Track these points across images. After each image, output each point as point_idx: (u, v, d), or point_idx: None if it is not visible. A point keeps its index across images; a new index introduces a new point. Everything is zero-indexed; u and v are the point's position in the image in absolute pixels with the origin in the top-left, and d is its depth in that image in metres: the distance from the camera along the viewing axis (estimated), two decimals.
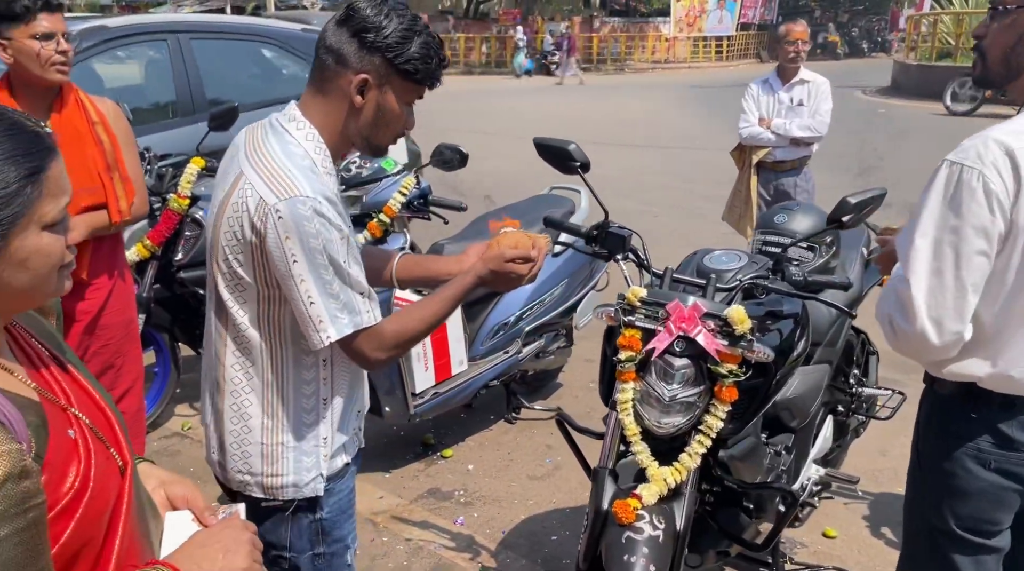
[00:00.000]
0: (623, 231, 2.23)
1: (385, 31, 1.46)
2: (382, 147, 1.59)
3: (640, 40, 33.02)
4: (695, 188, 8.41)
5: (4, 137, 0.91)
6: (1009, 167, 1.51)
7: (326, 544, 1.64)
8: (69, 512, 0.93)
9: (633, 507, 1.97)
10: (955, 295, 1.56)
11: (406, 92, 1.52)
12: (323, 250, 1.42)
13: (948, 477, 1.71)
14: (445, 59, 1.54)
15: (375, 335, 1.52)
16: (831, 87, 4.65)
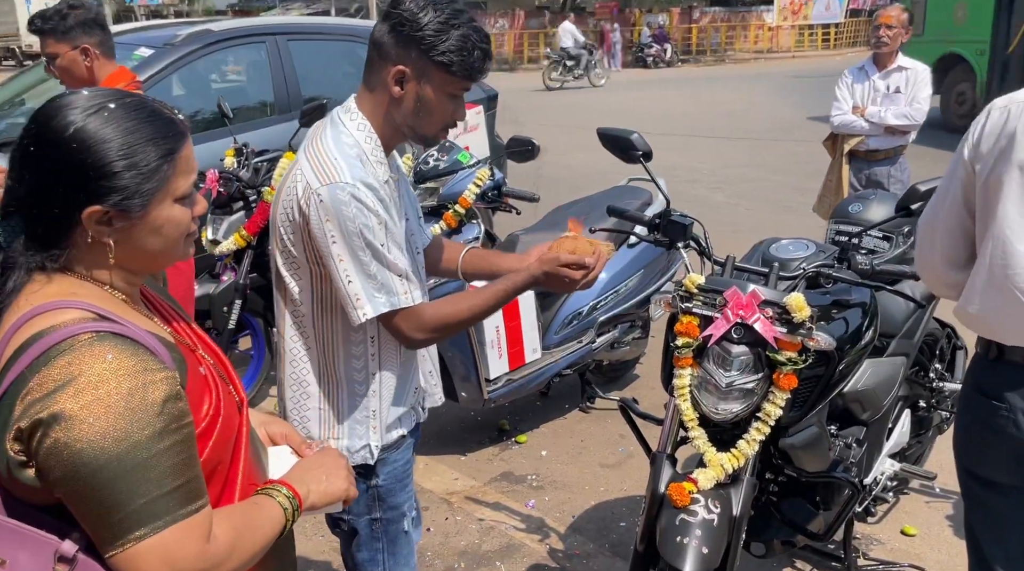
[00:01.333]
0: (684, 219, 2.25)
1: (420, 23, 1.52)
2: (429, 137, 1.65)
3: (742, 30, 32.14)
4: (787, 180, 8.18)
5: (146, 122, 1.05)
6: None
7: (382, 510, 1.74)
8: (206, 435, 1.10)
9: (688, 490, 1.99)
10: None
11: (445, 84, 1.56)
12: (359, 233, 1.52)
13: (963, 416, 1.84)
14: (487, 53, 1.57)
15: (413, 315, 1.60)
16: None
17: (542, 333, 3.56)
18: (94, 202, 1.02)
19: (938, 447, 3.21)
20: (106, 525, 0.97)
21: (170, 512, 0.99)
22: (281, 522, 1.15)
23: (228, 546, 1.05)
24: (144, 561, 0.98)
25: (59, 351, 0.97)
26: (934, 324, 2.92)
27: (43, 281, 1.05)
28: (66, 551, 0.99)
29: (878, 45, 4.41)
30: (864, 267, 2.09)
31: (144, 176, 1.04)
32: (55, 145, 1.01)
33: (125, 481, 0.96)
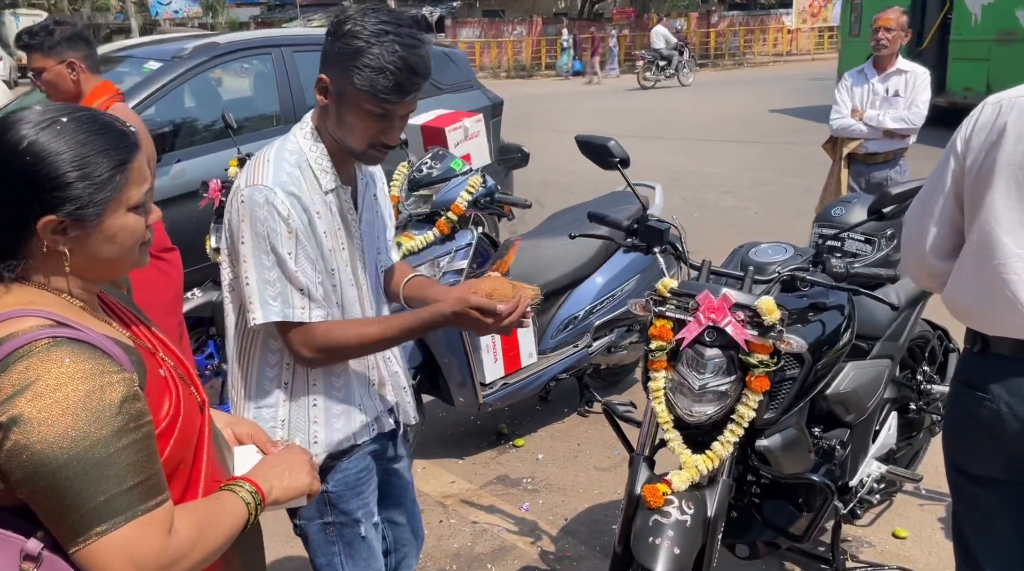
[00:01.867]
0: (661, 225, 2.28)
1: (341, 35, 1.51)
2: (357, 152, 1.60)
3: (760, 33, 31.99)
4: (800, 182, 8.15)
5: (98, 135, 1.10)
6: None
7: (334, 515, 1.77)
8: (166, 435, 1.14)
9: (662, 492, 2.02)
10: None
11: (361, 101, 1.52)
12: (266, 237, 1.54)
13: (951, 412, 1.87)
14: (400, 80, 1.49)
15: (305, 332, 1.60)
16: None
17: (538, 337, 3.60)
18: (49, 212, 1.06)
19: (932, 450, 3.21)
20: (68, 523, 1.01)
21: (130, 508, 1.03)
22: (244, 516, 1.18)
23: (190, 540, 1.09)
24: (105, 556, 1.01)
25: (16, 357, 1.01)
26: (924, 326, 2.93)
27: (1, 292, 1.10)
28: (31, 549, 1.02)
29: (877, 48, 4.41)
30: (839, 270, 2.11)
31: (97, 186, 1.08)
32: (9, 159, 1.06)
33: (84, 479, 1.00)
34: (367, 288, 1.78)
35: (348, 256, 1.71)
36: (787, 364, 2.08)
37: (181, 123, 4.62)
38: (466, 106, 5.26)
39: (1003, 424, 1.69)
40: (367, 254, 1.78)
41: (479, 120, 4.29)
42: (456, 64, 5.81)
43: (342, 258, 1.69)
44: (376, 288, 1.82)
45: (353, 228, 1.72)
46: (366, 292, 1.78)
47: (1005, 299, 1.64)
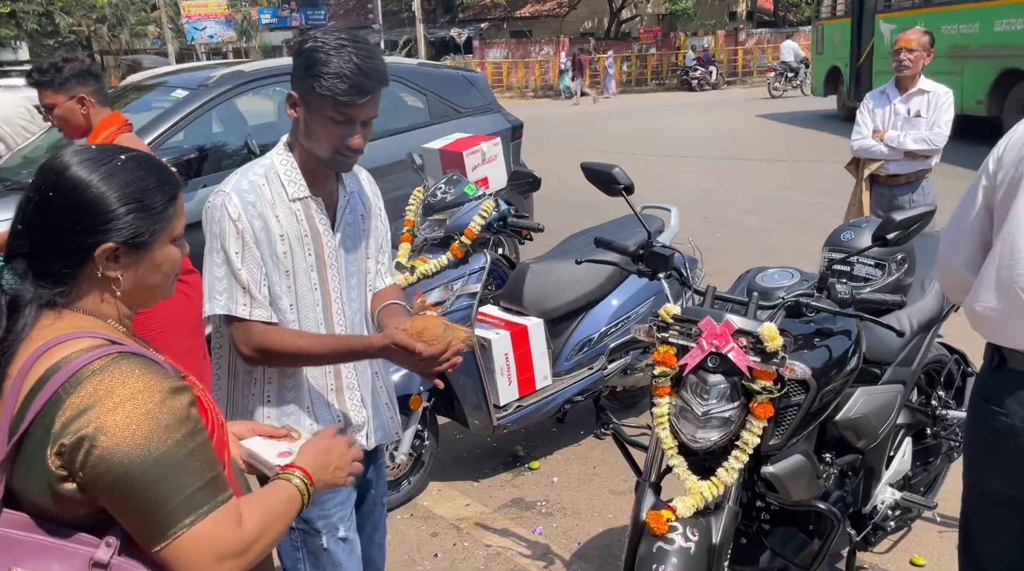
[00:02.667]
0: (665, 251, 2.30)
1: (303, 48, 1.67)
2: (325, 159, 1.74)
3: None
4: (826, 202, 8.07)
5: (152, 172, 1.21)
6: None
7: (296, 521, 1.81)
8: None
9: (666, 518, 2.02)
10: None
11: (322, 107, 1.67)
12: (218, 236, 1.70)
13: (970, 427, 1.91)
14: (355, 83, 1.63)
15: (246, 329, 1.73)
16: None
17: (553, 360, 3.61)
18: (107, 240, 1.15)
19: (950, 476, 3.15)
20: (153, 522, 1.08)
21: (207, 502, 1.11)
22: (298, 502, 1.29)
23: (258, 529, 1.18)
24: (192, 548, 1.09)
25: (89, 372, 1.08)
26: (940, 350, 2.89)
27: (53, 317, 1.16)
28: (100, 557, 1.09)
29: (900, 69, 4.36)
30: (844, 296, 2.11)
31: (153, 218, 1.19)
32: (73, 191, 1.14)
33: (167, 479, 1.08)
34: (341, 300, 1.87)
35: (314, 262, 1.80)
36: (792, 390, 2.07)
37: (207, 149, 4.74)
38: (485, 129, 5.32)
39: (1018, 438, 1.71)
40: (345, 267, 1.87)
41: (496, 143, 4.34)
42: (476, 87, 5.89)
43: (305, 263, 1.80)
44: (353, 302, 1.90)
45: (326, 239, 1.82)
46: (336, 302, 1.86)
47: (1021, 309, 1.67)
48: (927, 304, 2.61)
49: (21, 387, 1.09)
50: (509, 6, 32.08)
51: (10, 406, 1.10)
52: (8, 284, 1.15)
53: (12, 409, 1.09)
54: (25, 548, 1.08)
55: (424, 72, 5.73)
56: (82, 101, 2.85)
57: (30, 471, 1.08)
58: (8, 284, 1.15)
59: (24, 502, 1.11)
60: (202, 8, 32.31)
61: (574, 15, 33.62)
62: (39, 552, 1.08)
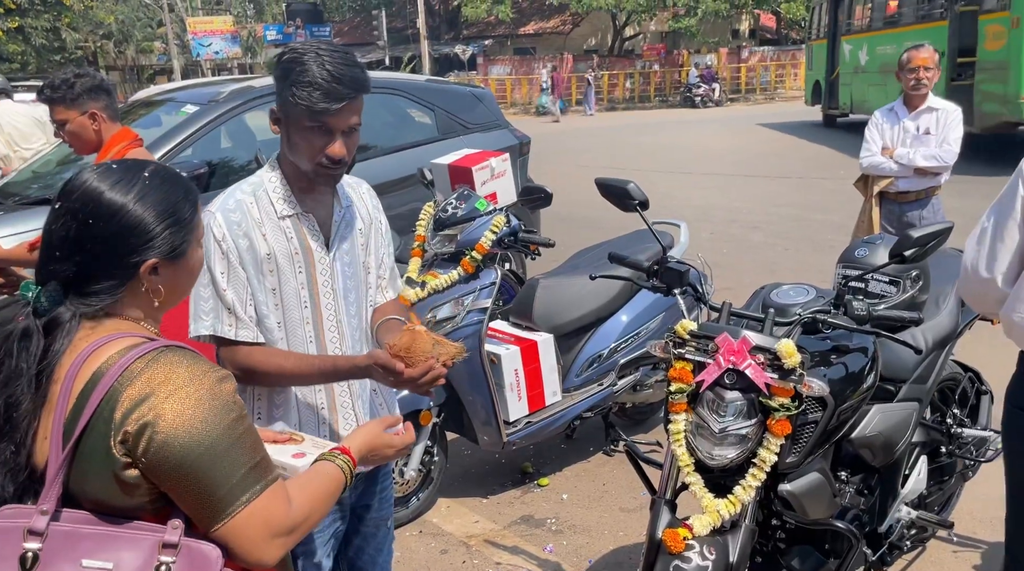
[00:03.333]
0: (681, 266, 2.29)
1: (282, 64, 1.66)
2: (309, 171, 1.71)
3: (792, 68, 32.01)
4: (830, 219, 8.08)
5: (176, 184, 1.27)
6: None
7: None
8: None
9: (683, 536, 2.00)
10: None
11: (300, 118, 1.65)
12: (207, 255, 1.69)
13: (1009, 438, 1.96)
14: (328, 90, 1.61)
15: (232, 350, 1.74)
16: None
17: (562, 376, 3.60)
18: (150, 256, 1.21)
19: (965, 495, 3.13)
20: (212, 501, 1.14)
21: (260, 481, 1.18)
22: (342, 482, 1.36)
23: (307, 507, 1.25)
24: (248, 526, 1.16)
25: (142, 365, 1.14)
26: (954, 368, 2.88)
27: (91, 326, 1.21)
28: (170, 539, 1.14)
29: (917, 87, 4.31)
30: (861, 313, 2.10)
31: (186, 228, 1.25)
32: (115, 216, 1.19)
33: (224, 460, 1.14)
34: (336, 317, 1.84)
35: (305, 281, 1.78)
36: (809, 407, 2.06)
37: (217, 164, 4.75)
38: (493, 145, 5.33)
39: None
40: (342, 284, 1.84)
41: (505, 159, 4.34)
42: (484, 103, 5.91)
43: (295, 281, 1.78)
44: (352, 319, 1.88)
45: (318, 256, 1.80)
46: (330, 320, 1.83)
47: None
48: (942, 321, 2.60)
49: (72, 387, 1.14)
50: (513, 23, 32.29)
51: (62, 407, 1.14)
52: (43, 307, 1.19)
53: (64, 409, 1.13)
54: (92, 540, 1.13)
55: (432, 88, 5.75)
56: (94, 116, 2.85)
57: (91, 464, 1.13)
58: (43, 307, 1.19)
59: (82, 500, 1.15)
60: (208, 24, 32.60)
61: (578, 32, 33.83)
62: (106, 542, 1.13)
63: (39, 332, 1.17)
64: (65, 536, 1.13)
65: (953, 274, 2.77)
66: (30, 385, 1.15)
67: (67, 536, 1.13)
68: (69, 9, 29.08)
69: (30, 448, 1.15)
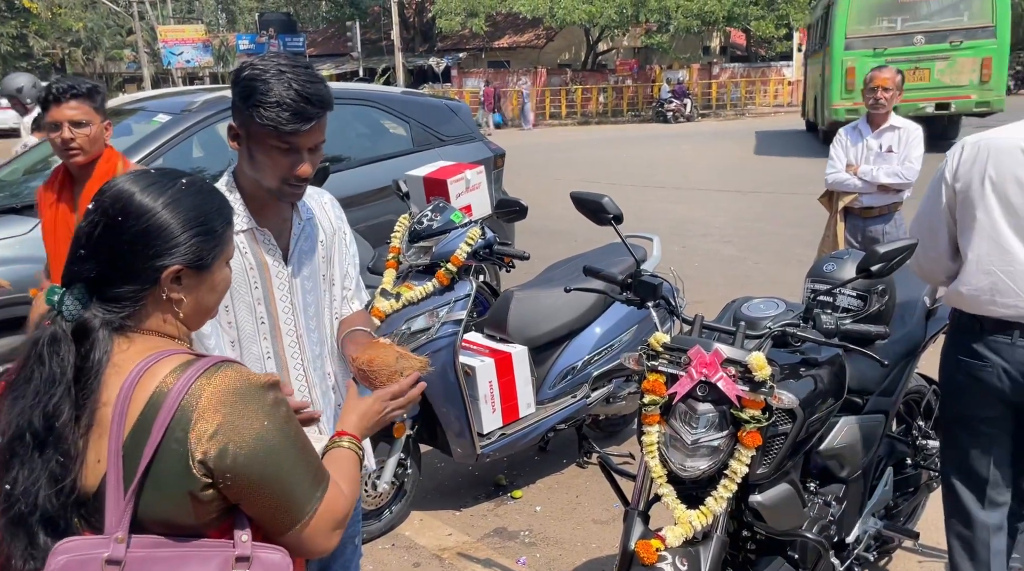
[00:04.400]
0: (654, 280, 2.33)
1: (242, 81, 1.60)
2: (273, 190, 1.68)
3: (762, 84, 32.55)
4: (800, 234, 8.21)
5: (210, 196, 1.26)
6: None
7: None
8: None
9: (655, 547, 2.02)
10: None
11: (265, 137, 1.61)
12: None
13: (945, 379, 2.44)
14: (295, 109, 1.57)
15: None
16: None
17: (536, 388, 3.61)
18: (173, 262, 1.19)
19: (929, 506, 3.19)
20: (292, 507, 1.19)
21: (324, 479, 1.25)
22: (357, 462, 1.42)
23: (352, 494, 1.32)
24: (321, 523, 1.22)
25: (204, 383, 1.13)
26: (919, 381, 2.94)
27: (126, 343, 1.19)
28: (243, 552, 1.16)
29: (876, 106, 4.46)
30: (829, 327, 2.14)
31: (214, 240, 1.24)
32: (144, 216, 1.18)
33: (298, 466, 1.19)
34: (295, 332, 1.82)
35: (261, 296, 1.76)
36: (779, 419, 2.09)
37: (189, 174, 4.71)
38: (468, 157, 5.36)
39: (1001, 384, 2.26)
40: (302, 298, 1.82)
41: (480, 172, 4.36)
42: (459, 116, 5.94)
43: (250, 297, 1.75)
44: (312, 333, 1.86)
45: (275, 270, 1.77)
46: (289, 336, 1.81)
47: (1005, 285, 2.20)
48: (907, 335, 2.66)
49: (127, 410, 1.12)
50: (487, 37, 32.45)
51: (118, 430, 1.12)
52: (69, 311, 1.16)
53: (122, 432, 1.12)
54: (166, 563, 1.13)
55: (407, 100, 5.77)
56: (108, 127, 2.81)
57: (164, 487, 1.12)
58: (69, 311, 1.16)
59: (148, 523, 1.14)
60: (179, 33, 32.33)
61: (551, 47, 34.08)
62: (179, 563, 1.14)
63: (68, 338, 1.15)
64: (141, 562, 1.12)
65: (918, 288, 2.85)
66: (68, 392, 1.13)
67: (143, 562, 1.12)
68: (36, 16, 28.68)
69: (79, 467, 1.13)
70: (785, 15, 28.35)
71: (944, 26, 13.37)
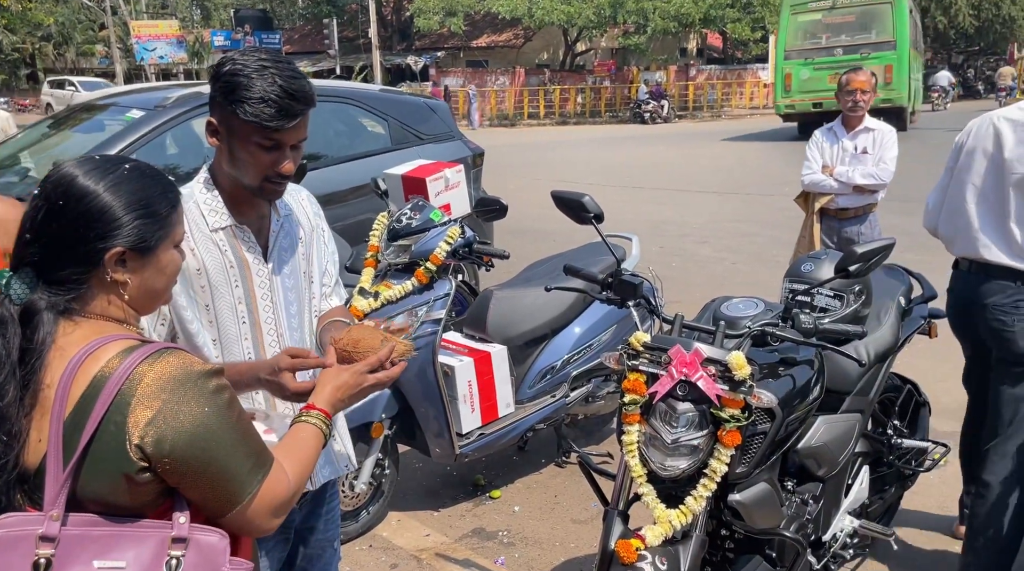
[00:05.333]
0: (635, 279, 2.32)
1: (223, 76, 1.57)
2: (254, 188, 1.65)
3: (737, 87, 32.80)
4: (776, 235, 8.28)
5: (155, 180, 1.27)
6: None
7: None
8: None
9: (635, 547, 2.02)
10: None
11: (248, 133, 1.58)
12: None
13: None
14: (281, 105, 1.55)
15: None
16: (897, 135, 4.59)
17: (515, 387, 3.60)
18: (115, 244, 1.20)
19: (904, 504, 3.23)
20: (230, 491, 1.20)
21: (266, 464, 1.25)
22: (321, 438, 1.41)
23: (299, 478, 1.32)
24: (259, 507, 1.24)
25: (145, 368, 1.15)
26: (894, 381, 2.97)
27: (71, 327, 1.20)
28: (180, 534, 1.18)
29: (853, 109, 4.50)
30: (808, 326, 2.15)
31: (158, 223, 1.25)
32: (84, 199, 1.19)
33: (237, 451, 1.20)
34: (276, 331, 1.79)
35: (242, 295, 1.73)
36: (758, 418, 2.10)
37: (163, 170, 4.64)
38: (447, 156, 5.34)
39: (962, 308, 2.74)
40: (283, 296, 1.79)
41: (459, 170, 4.35)
42: (438, 115, 5.91)
43: (231, 296, 1.72)
44: (294, 332, 1.83)
45: (255, 268, 1.74)
46: (270, 334, 1.78)
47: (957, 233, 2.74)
48: (883, 335, 2.69)
49: (69, 392, 1.14)
50: (465, 36, 32.40)
51: (59, 411, 1.14)
52: (16, 293, 1.19)
53: (62, 413, 1.14)
54: (102, 541, 1.15)
55: (386, 98, 5.73)
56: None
57: (100, 468, 1.14)
58: (16, 293, 1.19)
59: (86, 502, 1.16)
60: (153, 28, 31.94)
61: (530, 46, 34.11)
62: (115, 542, 1.16)
63: (14, 320, 1.17)
64: (76, 540, 1.14)
65: (894, 289, 2.88)
66: (13, 373, 1.15)
67: (78, 539, 1.14)
68: (6, 10, 28.17)
69: (21, 446, 1.15)
70: (761, 18, 28.62)
71: (858, 41, 17.38)
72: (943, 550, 3.11)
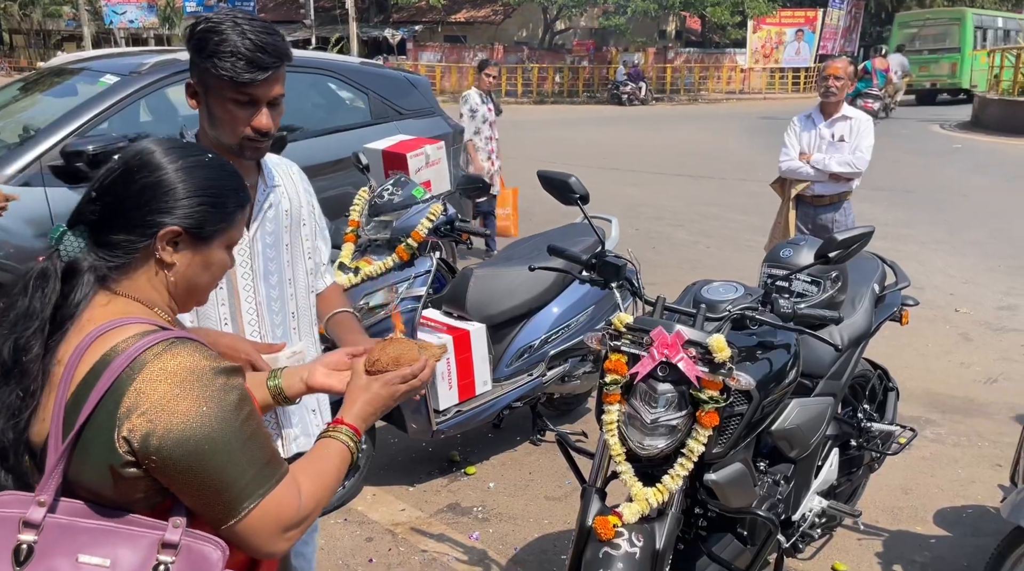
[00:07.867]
0: (618, 261, 2.34)
1: (197, 35, 1.61)
2: (233, 147, 1.66)
3: (715, 71, 32.86)
4: (750, 220, 8.36)
5: (231, 177, 1.26)
6: None
7: None
8: None
9: (613, 524, 2.06)
10: None
11: (221, 89, 1.60)
12: None
13: None
14: (251, 58, 1.57)
15: None
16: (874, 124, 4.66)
17: (493, 365, 3.62)
18: (173, 222, 1.18)
19: (870, 485, 3.31)
20: (225, 499, 1.11)
21: (272, 477, 1.15)
22: (348, 457, 1.31)
23: (314, 496, 1.22)
24: (260, 522, 1.13)
25: (150, 356, 1.09)
26: (865, 366, 3.04)
27: (104, 301, 1.17)
28: (170, 538, 1.10)
29: (827, 95, 4.58)
30: (786, 311, 2.19)
31: (221, 214, 1.23)
32: (156, 171, 1.18)
33: (239, 457, 1.11)
34: (254, 299, 1.79)
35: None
36: (736, 400, 2.14)
37: (136, 139, 4.55)
38: (428, 132, 5.30)
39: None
40: (263, 266, 1.79)
41: (440, 147, 4.33)
42: (418, 90, 5.86)
43: None
44: (273, 302, 1.82)
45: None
46: (248, 302, 1.78)
47: None
48: (857, 321, 2.74)
49: (75, 372, 1.09)
50: (444, 10, 32.01)
51: (63, 390, 1.10)
52: (66, 248, 1.16)
53: (65, 393, 1.09)
54: (90, 535, 1.09)
55: (366, 71, 5.66)
56: None
57: (90, 455, 1.09)
58: (66, 248, 1.16)
59: (78, 488, 1.11)
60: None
61: (509, 23, 33.80)
62: (103, 537, 1.09)
63: (56, 275, 1.15)
64: (62, 529, 1.09)
65: (868, 276, 2.93)
66: (43, 330, 1.12)
67: (64, 529, 1.09)
68: None
69: (34, 408, 1.11)
70: (740, 2, 28.62)
71: (938, 46, 23.00)
72: (906, 530, 3.20)
